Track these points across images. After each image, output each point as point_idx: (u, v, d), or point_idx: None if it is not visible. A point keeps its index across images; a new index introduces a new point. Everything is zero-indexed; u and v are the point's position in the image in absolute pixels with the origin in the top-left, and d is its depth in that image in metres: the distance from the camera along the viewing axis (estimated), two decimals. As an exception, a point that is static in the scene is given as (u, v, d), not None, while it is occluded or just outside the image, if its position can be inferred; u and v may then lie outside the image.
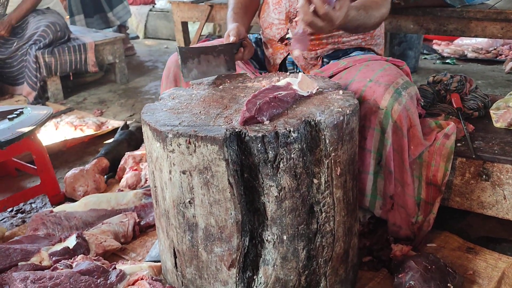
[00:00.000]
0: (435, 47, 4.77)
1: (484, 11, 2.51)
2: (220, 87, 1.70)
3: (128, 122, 3.13)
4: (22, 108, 2.35)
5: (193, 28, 5.13)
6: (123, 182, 2.41)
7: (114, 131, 3.13)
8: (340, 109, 1.40)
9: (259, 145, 1.30)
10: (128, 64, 4.68)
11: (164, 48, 5.77)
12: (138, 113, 3.59)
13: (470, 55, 4.55)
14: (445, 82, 2.12)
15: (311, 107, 1.44)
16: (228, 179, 1.31)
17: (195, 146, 1.31)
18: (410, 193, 1.74)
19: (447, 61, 4.49)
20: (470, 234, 1.92)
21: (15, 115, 2.25)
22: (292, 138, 1.32)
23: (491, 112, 1.94)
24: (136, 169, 2.46)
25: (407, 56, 4.09)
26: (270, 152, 1.31)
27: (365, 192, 1.76)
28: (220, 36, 5.58)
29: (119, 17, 5.29)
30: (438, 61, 4.52)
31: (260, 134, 1.30)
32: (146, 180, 2.40)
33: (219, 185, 1.33)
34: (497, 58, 4.42)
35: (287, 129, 1.31)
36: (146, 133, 1.45)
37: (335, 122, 1.36)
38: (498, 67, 4.25)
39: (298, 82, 1.52)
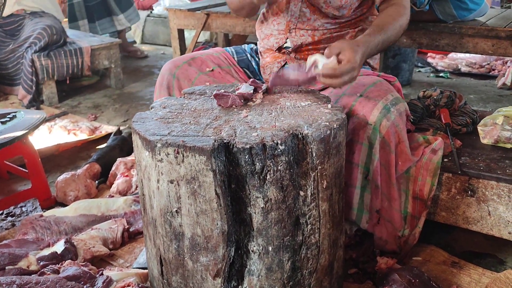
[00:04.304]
0: (429, 60, 4.82)
1: (476, 28, 2.54)
2: (211, 97, 1.72)
3: (121, 128, 3.14)
4: (15, 112, 2.36)
5: (189, 35, 5.15)
6: (113, 187, 2.42)
7: (107, 136, 3.14)
8: (327, 123, 1.42)
9: (246, 157, 1.32)
10: (124, 69, 4.71)
11: (160, 54, 5.79)
12: (132, 118, 3.58)
13: (464, 69, 4.60)
14: (435, 97, 2.15)
15: (299, 119, 1.46)
16: (215, 190, 1.33)
17: (183, 156, 1.33)
18: (396, 207, 1.76)
19: (440, 74, 4.53)
20: (455, 248, 1.94)
21: (8, 119, 2.27)
22: (279, 150, 1.33)
23: (479, 128, 1.96)
24: (127, 175, 2.47)
25: (401, 68, 4.13)
26: (258, 163, 1.33)
27: (352, 205, 1.78)
28: (216, 44, 5.60)
29: (131, 20, 5.35)
30: (432, 75, 4.56)
31: (247, 146, 1.31)
32: (137, 187, 2.41)
33: (206, 195, 1.34)
34: (490, 73, 4.47)
35: (275, 141, 1.33)
36: (136, 141, 1.46)
37: (322, 136, 1.38)
38: (490, 82, 4.29)
39: (324, 63, 1.57)
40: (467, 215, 1.80)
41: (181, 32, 3.85)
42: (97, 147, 3.07)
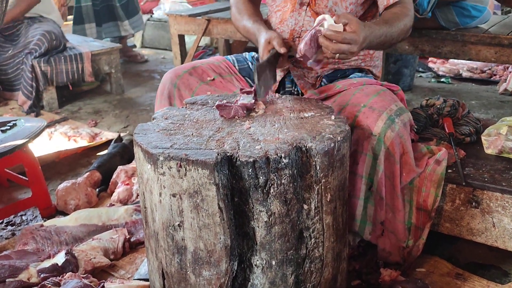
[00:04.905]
0: (430, 65, 4.80)
1: (479, 35, 2.53)
2: (213, 107, 1.70)
3: (122, 135, 3.13)
4: (15, 120, 2.35)
5: (190, 39, 5.14)
6: (114, 196, 2.41)
7: (107, 142, 3.13)
8: (331, 136, 1.40)
9: (250, 170, 1.31)
10: (124, 73, 4.69)
11: (161, 58, 5.77)
12: (132, 124, 3.59)
13: (465, 74, 4.58)
14: (438, 106, 2.14)
15: (302, 131, 1.44)
16: (218, 204, 1.32)
17: (185, 170, 1.31)
18: (400, 219, 1.74)
19: (442, 79, 4.52)
20: (459, 260, 1.92)
21: (8, 127, 2.25)
22: (283, 163, 1.32)
23: (483, 138, 1.95)
24: (128, 184, 2.46)
25: (403, 74, 4.12)
26: (261, 177, 1.31)
27: (355, 217, 1.76)
28: (216, 48, 5.59)
29: (135, 27, 5.36)
30: (433, 80, 4.55)
31: (251, 159, 1.30)
32: (138, 195, 2.40)
33: (208, 209, 1.33)
34: (492, 78, 4.45)
35: (278, 154, 1.31)
36: (138, 154, 1.45)
37: (326, 149, 1.37)
38: (492, 88, 4.27)
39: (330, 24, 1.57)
40: (471, 226, 1.78)
41: (181, 38, 3.84)
42: (98, 154, 3.06)
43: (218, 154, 1.30)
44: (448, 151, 1.86)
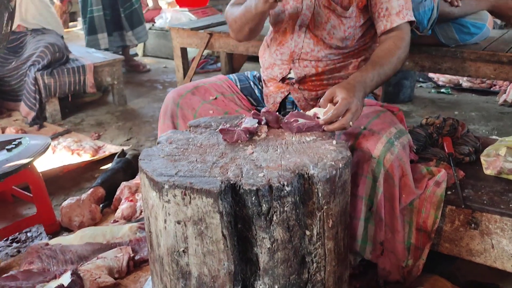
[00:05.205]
0: (430, 75, 4.84)
1: (478, 53, 2.56)
2: (217, 130, 1.73)
3: (125, 149, 3.15)
4: (20, 138, 2.38)
5: (192, 48, 5.17)
6: (118, 213, 2.44)
7: (111, 156, 3.16)
8: (333, 163, 1.43)
9: (253, 198, 1.33)
10: (126, 83, 4.73)
11: (162, 67, 5.81)
12: (135, 137, 3.62)
13: (465, 84, 4.62)
14: (438, 125, 2.16)
15: (304, 158, 1.47)
16: (222, 231, 1.34)
17: (190, 198, 1.34)
18: (400, 239, 1.77)
19: (442, 90, 4.55)
20: (458, 278, 1.95)
21: (14, 146, 2.28)
22: (285, 191, 1.35)
23: (482, 158, 1.97)
24: (131, 200, 2.49)
25: (403, 85, 4.15)
26: (264, 205, 1.34)
27: (356, 237, 1.79)
28: (218, 57, 5.62)
29: (139, 38, 5.40)
30: (433, 90, 4.58)
31: (254, 188, 1.32)
32: (141, 212, 2.43)
33: (213, 237, 1.36)
34: (491, 89, 4.49)
35: (281, 182, 1.34)
36: (143, 180, 1.47)
37: (328, 176, 1.39)
38: (492, 98, 4.30)
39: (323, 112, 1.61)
40: (470, 247, 1.81)
41: (184, 51, 3.87)
42: (101, 168, 3.09)
43: (222, 182, 1.33)
44: (447, 172, 1.89)
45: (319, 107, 1.65)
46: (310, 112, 1.65)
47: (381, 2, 1.86)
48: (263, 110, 1.71)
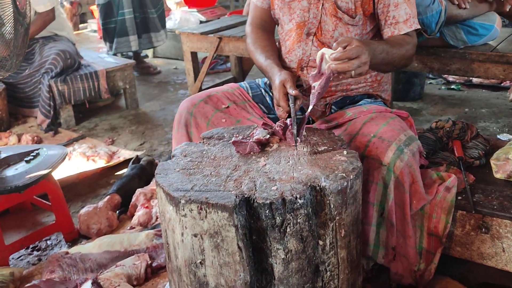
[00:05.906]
0: (440, 71, 4.83)
1: (487, 54, 2.57)
2: (230, 142, 1.77)
3: (139, 155, 3.21)
4: (38, 149, 2.44)
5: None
6: (134, 220, 2.49)
7: (125, 161, 3.22)
8: (344, 174, 1.47)
9: (267, 211, 1.38)
10: (137, 86, 4.77)
11: (173, 68, 5.86)
12: (148, 141, 3.67)
13: (475, 80, 4.61)
14: (448, 129, 2.18)
15: (316, 169, 1.51)
16: (238, 244, 1.39)
17: (206, 212, 1.39)
18: (411, 244, 1.81)
19: (452, 86, 4.55)
20: (470, 280, 1.98)
21: (32, 157, 2.34)
22: (298, 204, 1.39)
23: (492, 162, 2.00)
24: (147, 206, 2.54)
25: (413, 83, 4.16)
26: (278, 217, 1.38)
27: (368, 242, 1.82)
28: (227, 57, 5.65)
29: (163, 39, 5.50)
30: (443, 87, 4.58)
31: (268, 201, 1.37)
32: (157, 218, 2.48)
33: (228, 249, 1.40)
34: (502, 84, 4.48)
35: (294, 195, 1.38)
36: (160, 194, 1.52)
37: (340, 188, 1.43)
38: (502, 94, 4.30)
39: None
40: (481, 250, 1.84)
41: (194, 55, 3.91)
42: (116, 174, 3.15)
43: (236, 197, 1.37)
44: (457, 176, 1.92)
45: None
46: (319, 53, 1.69)
47: (389, 11, 1.90)
48: (277, 124, 1.75)
